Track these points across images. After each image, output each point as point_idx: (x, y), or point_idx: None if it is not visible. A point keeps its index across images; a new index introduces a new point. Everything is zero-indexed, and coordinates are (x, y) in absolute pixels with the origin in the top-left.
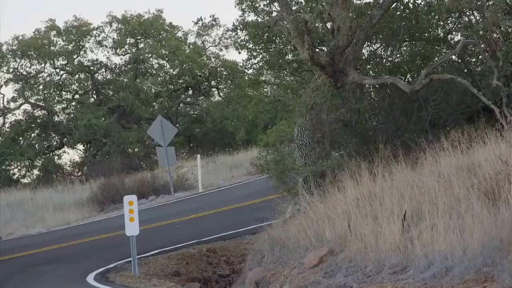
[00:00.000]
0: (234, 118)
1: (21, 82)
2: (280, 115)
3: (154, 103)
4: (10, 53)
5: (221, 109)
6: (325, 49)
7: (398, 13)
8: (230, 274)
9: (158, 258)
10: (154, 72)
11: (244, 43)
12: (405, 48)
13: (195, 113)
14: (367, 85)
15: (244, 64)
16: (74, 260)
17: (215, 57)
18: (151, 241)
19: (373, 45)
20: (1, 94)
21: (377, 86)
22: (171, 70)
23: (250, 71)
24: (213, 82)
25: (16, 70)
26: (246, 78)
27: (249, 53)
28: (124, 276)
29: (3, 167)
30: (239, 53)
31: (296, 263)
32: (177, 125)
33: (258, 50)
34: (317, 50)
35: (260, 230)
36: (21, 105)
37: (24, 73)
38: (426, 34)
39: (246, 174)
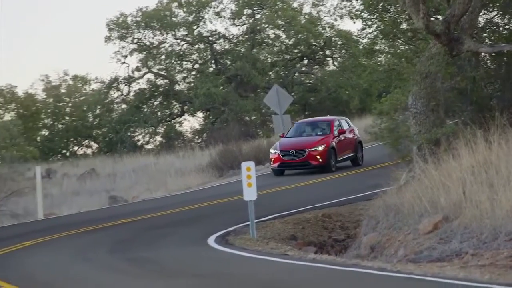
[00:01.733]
0: (348, 87)
1: (144, 52)
2: (394, 83)
3: (270, 72)
4: (135, 24)
5: (336, 78)
6: (440, 18)
7: None
8: (345, 238)
9: (275, 223)
10: (270, 42)
11: (359, 12)
12: None
13: (310, 82)
14: (483, 54)
15: (359, 33)
16: (195, 223)
17: (330, 27)
18: (268, 206)
19: (490, 13)
20: (126, 64)
21: (493, 54)
22: (287, 40)
23: (365, 40)
24: (327, 52)
25: (140, 41)
26: (361, 47)
27: (364, 23)
28: (242, 239)
29: (128, 134)
30: (354, 22)
31: (411, 229)
32: (293, 93)
33: (372, 20)
34: (432, 18)
35: (374, 196)
36: (144, 74)
37: (148, 43)
38: None
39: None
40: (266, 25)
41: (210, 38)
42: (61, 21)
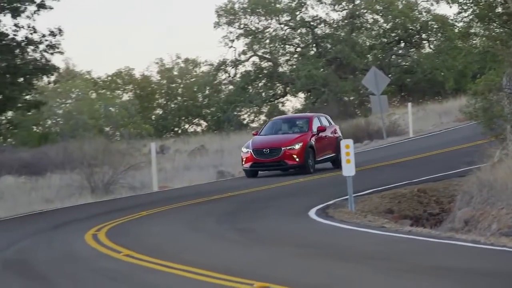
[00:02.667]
0: (443, 69)
1: (250, 37)
2: (489, 65)
3: (368, 55)
4: (241, 10)
5: (431, 60)
6: None
7: None
8: (439, 212)
9: (372, 197)
10: (368, 26)
11: None
12: None
13: (406, 64)
14: None
15: (455, 17)
16: (296, 196)
17: (426, 12)
18: (365, 181)
19: None
20: (233, 47)
21: None
22: (385, 24)
23: (460, 24)
24: (423, 35)
25: (246, 26)
26: (456, 30)
27: (460, 7)
28: (341, 212)
29: (235, 113)
30: (450, 7)
31: (504, 204)
32: (389, 75)
33: (468, 4)
34: None
35: (468, 173)
36: (250, 57)
37: (253, 28)
38: None
39: (454, 121)
40: (365, 10)
41: (312, 23)
42: (174, 8)
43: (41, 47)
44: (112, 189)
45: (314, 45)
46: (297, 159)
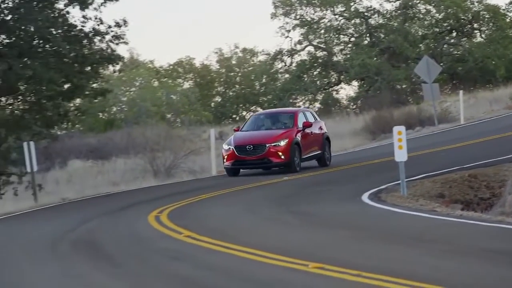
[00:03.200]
0: (494, 57)
1: (306, 27)
2: None
3: (421, 44)
4: (297, 2)
5: (483, 49)
6: None
7: None
8: (490, 197)
9: (424, 182)
10: (421, 16)
11: None
12: None
13: (457, 53)
14: None
15: (506, 7)
16: (350, 181)
17: (478, 2)
18: (417, 167)
19: None
20: (289, 37)
21: None
22: (437, 15)
23: None
24: (475, 25)
25: (302, 17)
26: (508, 20)
27: None
28: (393, 196)
29: (290, 101)
30: None
31: None
32: (441, 64)
33: None
34: None
35: None
36: (305, 47)
37: (309, 19)
38: None
39: (505, 108)
40: (418, 1)
41: (366, 14)
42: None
43: (107, 37)
44: (173, 173)
45: (368, 35)
46: (282, 157)
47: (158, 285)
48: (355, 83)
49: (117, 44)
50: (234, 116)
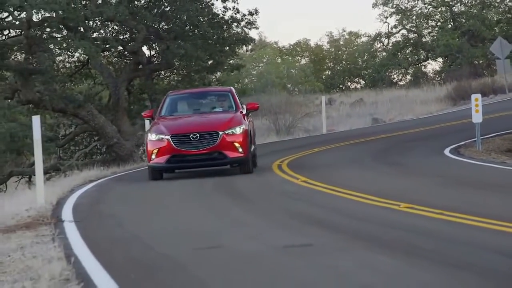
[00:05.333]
0: None
1: (400, 14)
2: None
3: (495, 28)
4: None
5: None
6: None
7: None
8: None
9: (496, 139)
10: (496, 4)
11: None
12: None
13: None
14: None
15: None
16: (434, 139)
17: None
18: (490, 127)
19: None
20: (387, 23)
21: None
22: (510, 3)
23: None
24: None
25: (397, 6)
26: None
27: None
28: (470, 151)
29: (386, 74)
30: None
31: None
32: None
33: None
34: None
35: None
36: (399, 30)
37: (403, 7)
38: None
39: None
40: None
41: (450, 3)
42: None
43: (242, 23)
44: (292, 131)
45: (451, 20)
46: (240, 150)
47: (282, 217)
48: (440, 60)
49: (249, 29)
50: (341, 86)
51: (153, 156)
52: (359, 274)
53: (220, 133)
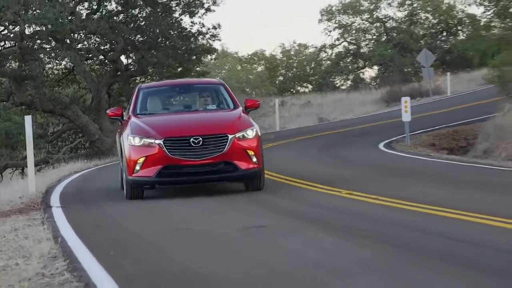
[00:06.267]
0: (472, 50)
1: (342, 29)
2: (503, 47)
3: (421, 41)
4: (337, 11)
5: (464, 44)
6: None
7: None
8: (466, 146)
9: (422, 136)
10: (422, 21)
11: (481, 1)
12: None
13: (446, 47)
14: None
15: (481, 15)
16: (371, 135)
17: (461, 11)
18: (417, 125)
19: None
20: (331, 36)
21: None
22: (433, 20)
23: (484, 19)
24: (459, 27)
25: (339, 21)
26: (481, 24)
27: (485, 8)
28: (401, 145)
29: (331, 79)
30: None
31: (510, 140)
32: (435, 54)
33: (490, 6)
34: None
35: (487, 119)
36: (341, 42)
37: (344, 23)
38: None
39: (479, 85)
40: (420, 10)
41: (384, 19)
42: (295, 7)
43: (207, 36)
44: None
45: (385, 34)
46: (254, 160)
47: (240, 203)
48: (375, 67)
49: (213, 40)
50: (292, 90)
51: (137, 168)
52: (307, 252)
53: (230, 136)
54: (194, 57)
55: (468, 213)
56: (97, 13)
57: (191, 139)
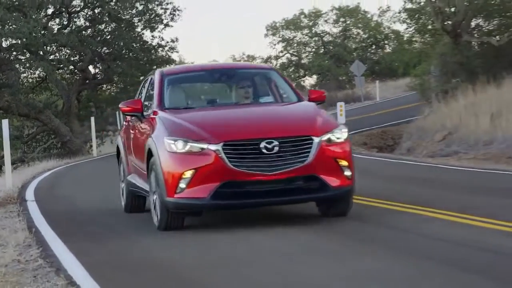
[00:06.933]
0: (397, 61)
1: (285, 42)
2: (423, 59)
3: (354, 53)
4: (281, 27)
5: (390, 56)
6: (450, 22)
7: None
8: (393, 144)
9: (355, 136)
10: (354, 36)
11: (405, 19)
12: None
13: (375, 58)
14: (473, 42)
15: (404, 31)
16: None
17: (388, 27)
18: (351, 126)
19: (478, 20)
20: (276, 48)
21: (479, 43)
22: (364, 35)
23: (407, 35)
24: (386, 41)
25: (283, 36)
26: (405, 38)
27: (407, 25)
28: None
29: None
30: (401, 25)
31: (430, 139)
32: (366, 65)
33: (412, 23)
34: (445, 23)
35: (410, 121)
36: (285, 54)
37: (287, 37)
38: None
39: (403, 91)
40: (352, 27)
41: (321, 34)
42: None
43: (166, 48)
44: None
45: (322, 47)
46: (347, 174)
47: None
48: (314, 76)
49: (172, 52)
50: None
51: (182, 185)
52: (236, 247)
53: (316, 140)
54: (155, 67)
55: (390, 202)
56: (67, 28)
57: (263, 143)
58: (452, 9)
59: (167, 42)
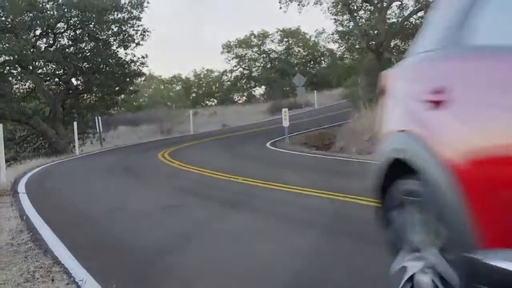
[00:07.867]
0: (332, 74)
1: (238, 58)
2: (352, 73)
3: (296, 68)
4: (234, 45)
5: (325, 70)
6: (374, 42)
7: None
8: (329, 143)
9: (297, 136)
10: (295, 53)
11: (336, 39)
12: None
13: (314, 72)
14: (393, 59)
15: (337, 49)
16: (260, 136)
17: (323, 46)
18: (294, 129)
19: (396, 41)
20: (230, 63)
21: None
22: (304, 52)
23: (339, 52)
24: (322, 58)
25: (236, 53)
26: (337, 55)
27: (339, 45)
28: (282, 143)
29: (231, 95)
30: (334, 44)
31: (359, 139)
32: (305, 77)
33: (342, 43)
34: (370, 42)
35: (343, 124)
36: (238, 68)
37: (240, 54)
38: None
39: (336, 99)
40: (294, 46)
41: (268, 52)
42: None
43: (137, 63)
44: (171, 132)
45: (269, 62)
46: None
47: (165, 188)
48: (263, 87)
49: (142, 67)
50: (202, 103)
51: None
52: (211, 222)
53: None
54: (128, 79)
55: (324, 191)
56: (53, 46)
57: None
58: (376, 32)
59: (138, 58)
